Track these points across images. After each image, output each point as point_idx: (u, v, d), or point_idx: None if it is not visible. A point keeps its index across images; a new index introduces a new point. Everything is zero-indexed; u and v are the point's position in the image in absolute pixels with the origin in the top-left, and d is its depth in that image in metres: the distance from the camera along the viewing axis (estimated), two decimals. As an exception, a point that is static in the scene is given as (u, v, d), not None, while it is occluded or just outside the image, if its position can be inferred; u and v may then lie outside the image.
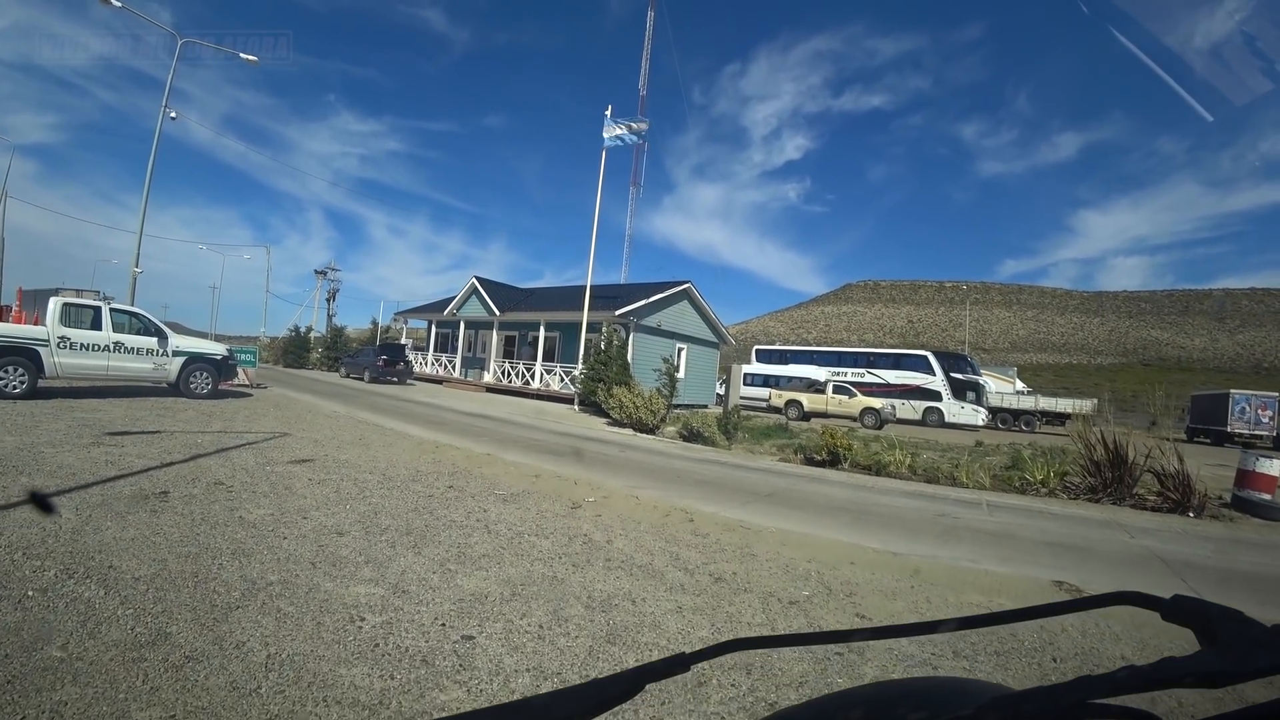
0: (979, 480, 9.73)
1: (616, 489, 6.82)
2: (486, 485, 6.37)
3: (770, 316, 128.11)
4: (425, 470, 6.98)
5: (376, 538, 4.39)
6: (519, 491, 6.17)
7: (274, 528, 4.48)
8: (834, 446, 10.44)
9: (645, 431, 13.76)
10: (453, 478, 6.63)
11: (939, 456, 11.78)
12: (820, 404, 23.23)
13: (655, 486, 7.38)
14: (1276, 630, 0.48)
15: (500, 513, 5.27)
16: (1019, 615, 0.59)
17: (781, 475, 9.34)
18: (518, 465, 7.88)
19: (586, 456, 9.61)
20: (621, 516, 5.48)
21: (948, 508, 7.53)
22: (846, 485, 8.78)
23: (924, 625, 0.61)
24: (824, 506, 7.01)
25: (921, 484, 9.57)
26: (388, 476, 6.47)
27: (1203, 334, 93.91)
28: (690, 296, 25.53)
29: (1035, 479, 9.60)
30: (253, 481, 5.88)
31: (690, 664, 0.55)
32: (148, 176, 21.11)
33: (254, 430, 9.24)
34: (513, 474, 7.14)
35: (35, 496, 1.63)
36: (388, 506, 5.25)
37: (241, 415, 10.80)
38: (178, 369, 12.79)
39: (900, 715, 0.61)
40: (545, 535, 4.70)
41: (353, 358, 27.41)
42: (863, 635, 0.61)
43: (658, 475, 8.34)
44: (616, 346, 17.33)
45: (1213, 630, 0.50)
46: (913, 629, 0.61)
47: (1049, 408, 31.00)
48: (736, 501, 6.81)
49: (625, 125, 18.18)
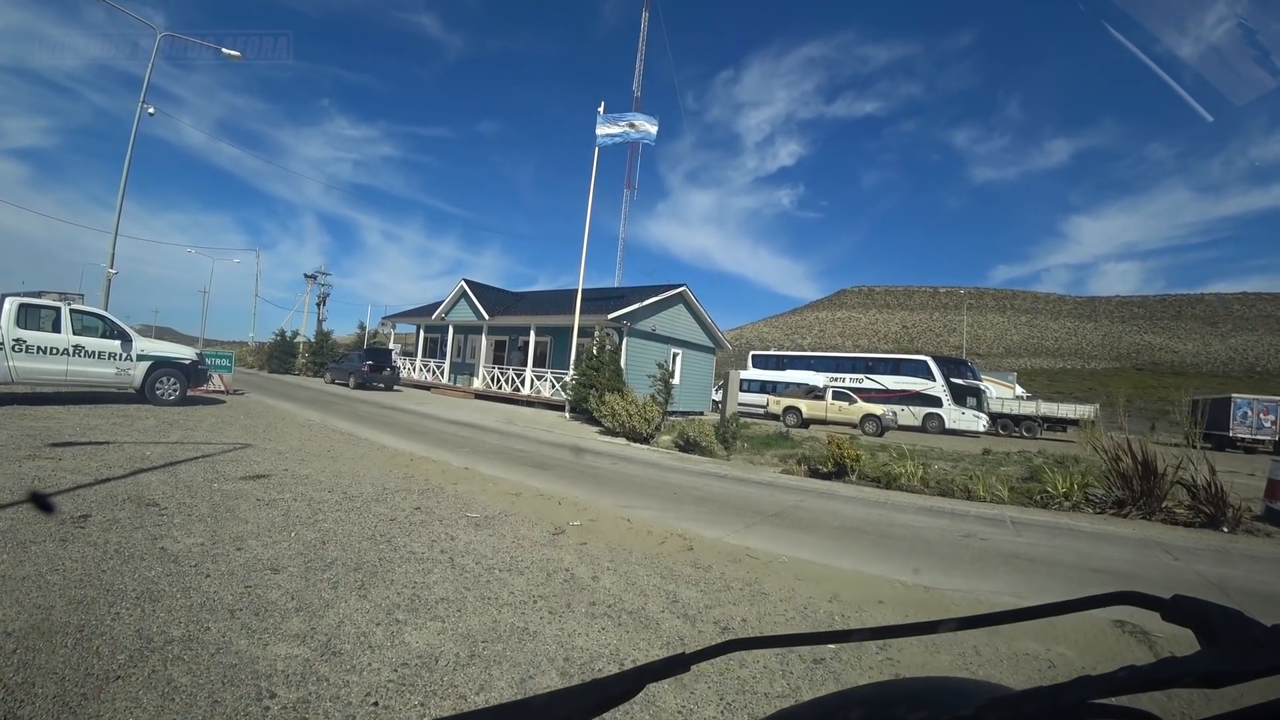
0: (997, 493, 9.08)
1: (606, 509, 6.11)
2: (459, 506, 5.65)
3: (765, 322, 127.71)
4: (393, 487, 6.26)
5: (318, 575, 3.69)
6: (495, 513, 5.45)
7: (198, 562, 3.77)
8: (840, 457, 9.77)
9: (639, 441, 13.05)
10: (422, 496, 5.91)
11: (950, 467, 11.12)
12: (820, 410, 22.57)
13: (649, 505, 6.68)
14: (1276, 630, 0.48)
15: (470, 541, 4.56)
16: (1019, 615, 0.60)
17: (786, 490, 8.66)
18: (497, 481, 7.16)
19: (574, 470, 8.89)
20: (610, 544, 4.78)
21: (971, 526, 6.86)
22: (858, 501, 8.10)
23: (923, 625, 0.61)
24: (838, 528, 6.31)
25: (936, 498, 8.92)
26: (349, 495, 5.76)
27: (1195, 338, 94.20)
28: (685, 300, 24.86)
29: (1057, 492, 8.96)
30: (192, 502, 5.16)
31: (690, 664, 0.55)
32: (124, 174, 20.40)
33: (215, 441, 8.50)
34: (491, 491, 6.42)
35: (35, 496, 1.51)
36: (340, 534, 4.54)
37: (206, 424, 10.05)
38: (143, 374, 12.05)
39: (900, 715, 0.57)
40: (519, 570, 4.00)
41: (338, 363, 26.60)
42: (862, 635, 0.62)
43: (652, 492, 7.63)
44: (609, 351, 16.61)
45: (1213, 630, 0.50)
46: (912, 629, 0.61)
47: (1050, 413, 30.46)
48: (740, 523, 6.11)
49: (626, 123, 17.32)
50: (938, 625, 0.61)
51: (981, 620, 0.60)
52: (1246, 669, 0.44)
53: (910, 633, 0.61)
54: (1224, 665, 0.44)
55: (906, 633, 0.61)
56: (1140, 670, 0.43)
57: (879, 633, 0.61)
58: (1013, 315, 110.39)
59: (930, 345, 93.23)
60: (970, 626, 0.60)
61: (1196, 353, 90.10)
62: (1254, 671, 0.44)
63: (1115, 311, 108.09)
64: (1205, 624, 0.51)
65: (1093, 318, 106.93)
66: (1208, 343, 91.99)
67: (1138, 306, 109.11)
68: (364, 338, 34.71)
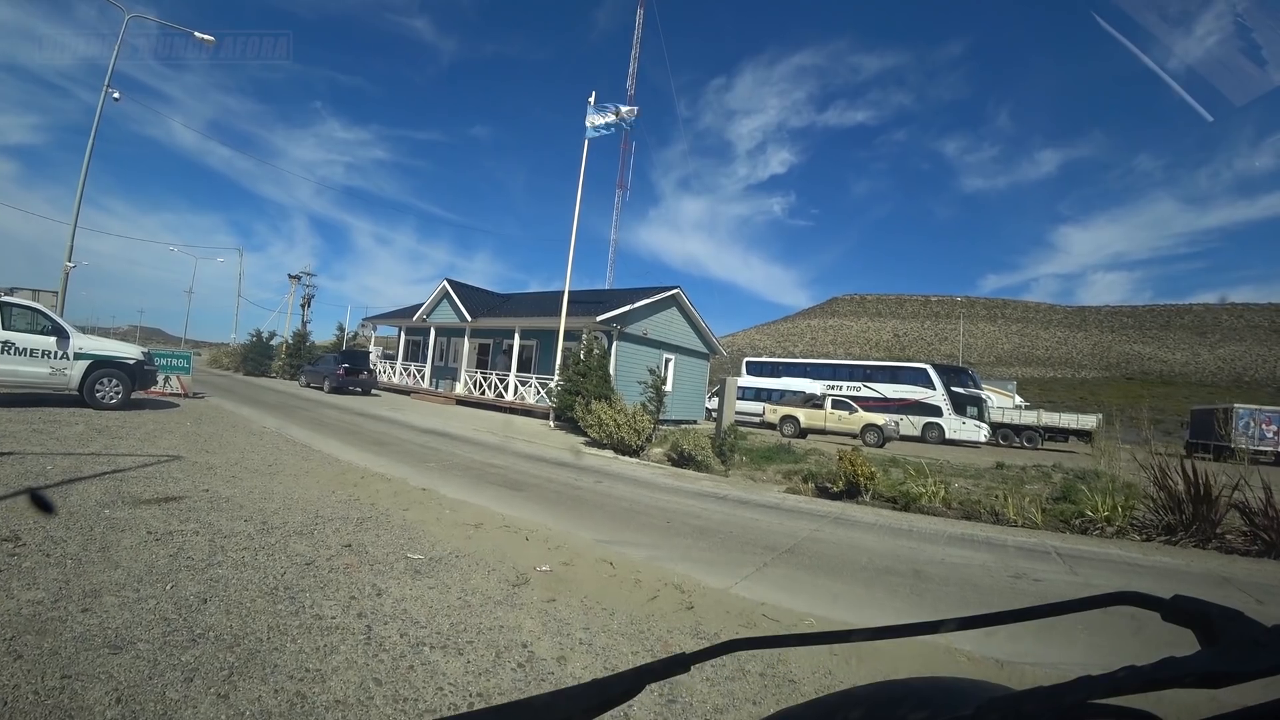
0: (1029, 516, 8.10)
1: (584, 546, 5.01)
2: (402, 542, 4.55)
3: (756, 330, 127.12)
4: (329, 514, 5.16)
5: (173, 658, 2.61)
6: (445, 554, 4.35)
7: (16, 634, 2.70)
8: (853, 475, 8.74)
9: (628, 454, 11.96)
10: (360, 529, 4.81)
11: (972, 485, 10.12)
12: (819, 420, 21.55)
13: (638, 540, 5.58)
14: (1276, 630, 0.48)
15: (403, 597, 3.48)
16: (1019, 615, 0.59)
17: (796, 515, 7.60)
18: (458, 506, 6.04)
19: (551, 491, 7.77)
20: (587, 601, 3.70)
21: (1016, 562, 5.85)
22: (879, 529, 7.06)
23: (924, 625, 0.61)
24: (866, 568, 5.25)
25: (962, 522, 7.92)
26: (268, 526, 4.66)
27: (1184, 348, 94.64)
28: (679, 303, 23.82)
29: (1098, 515, 7.97)
30: (64, 536, 4.06)
31: (690, 664, 0.55)
32: (85, 162, 19.21)
33: (140, 453, 7.37)
34: (447, 521, 5.31)
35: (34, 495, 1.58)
36: (233, 586, 3.45)
37: (142, 432, 8.88)
38: (81, 374, 10.86)
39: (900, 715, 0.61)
40: (459, 647, 2.92)
41: (313, 366, 25.29)
42: (863, 635, 0.61)
43: (641, 519, 6.53)
44: (597, 356, 15.51)
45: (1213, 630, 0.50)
46: (913, 629, 0.60)
47: (1052, 423, 29.68)
48: (749, 563, 5.04)
49: (612, 111, 16.38)
50: (938, 625, 0.61)
51: (982, 620, 0.61)
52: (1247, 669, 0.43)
53: (911, 633, 0.60)
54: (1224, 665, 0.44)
55: (907, 633, 0.60)
56: (1140, 670, 0.43)
57: (879, 633, 0.61)
58: (1004, 324, 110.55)
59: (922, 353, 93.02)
60: (971, 627, 0.61)
61: (1185, 362, 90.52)
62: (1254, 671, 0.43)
63: (1105, 321, 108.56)
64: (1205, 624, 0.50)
65: (1083, 327, 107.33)
66: (1196, 352, 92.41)
67: (1127, 316, 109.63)
68: (342, 339, 33.34)
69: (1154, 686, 0.43)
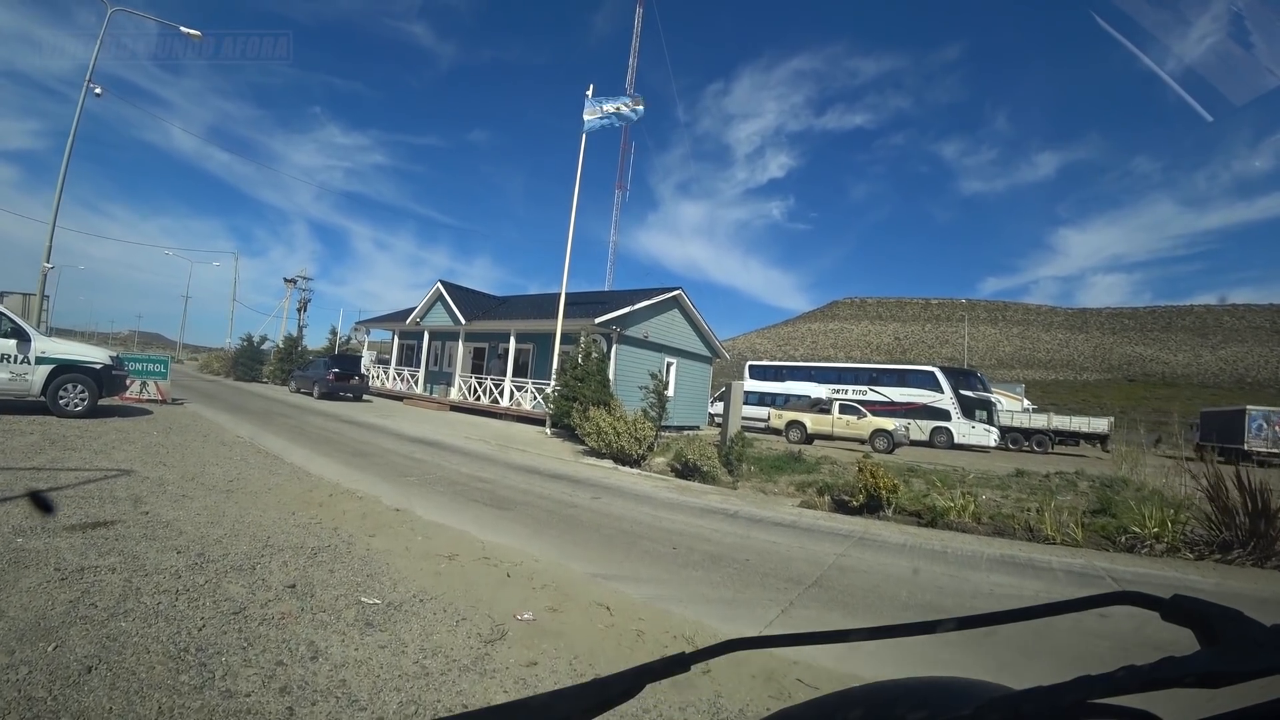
0: (1068, 533, 7.39)
1: (576, 583, 4.27)
2: (358, 580, 3.82)
3: (757, 333, 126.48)
4: (280, 543, 4.43)
5: (7, 771, 1.90)
6: (407, 596, 3.62)
7: None
8: (874, 487, 8.02)
9: (628, 464, 11.23)
10: (312, 562, 4.09)
11: (1000, 496, 9.39)
12: (825, 425, 20.80)
13: (641, 572, 4.84)
14: (1276, 630, 0.48)
15: (344, 660, 2.76)
16: (1018, 615, 0.59)
17: (815, 535, 6.86)
18: (432, 531, 5.29)
19: (543, 510, 7.01)
20: (576, 664, 2.97)
21: (1070, 590, 5.14)
22: (912, 551, 6.33)
23: (922, 625, 0.60)
24: (909, 606, 4.50)
25: (997, 540, 7.22)
26: (203, 559, 3.94)
27: (1186, 350, 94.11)
28: (681, 305, 23.06)
29: (1145, 531, 7.25)
30: (-49, 576, 3.35)
31: (690, 664, 0.54)
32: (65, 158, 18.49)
33: (90, 466, 6.67)
34: (417, 551, 4.58)
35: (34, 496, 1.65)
36: (135, 644, 2.75)
37: (100, 443, 8.16)
38: (43, 380, 10.16)
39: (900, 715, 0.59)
40: (406, 744, 2.21)
41: (303, 370, 24.55)
42: (861, 635, 0.61)
43: (644, 546, 5.77)
44: (595, 359, 14.77)
45: (1213, 630, 0.50)
46: (912, 629, 0.60)
47: (1062, 426, 28.91)
48: (772, 601, 4.30)
49: (614, 105, 15.67)
50: (937, 625, 0.61)
51: (980, 620, 0.60)
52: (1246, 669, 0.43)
53: (910, 633, 0.60)
54: (1224, 665, 0.44)
55: (906, 633, 0.60)
56: (1140, 670, 0.43)
57: (878, 633, 0.61)
58: (1004, 327, 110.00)
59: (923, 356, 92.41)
60: (969, 626, 0.60)
61: (1187, 364, 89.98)
62: (1254, 671, 0.43)
63: (1106, 323, 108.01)
64: (1205, 624, 0.50)
65: (1084, 329, 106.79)
66: (1198, 354, 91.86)
67: (1128, 318, 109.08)
68: (334, 343, 32.54)
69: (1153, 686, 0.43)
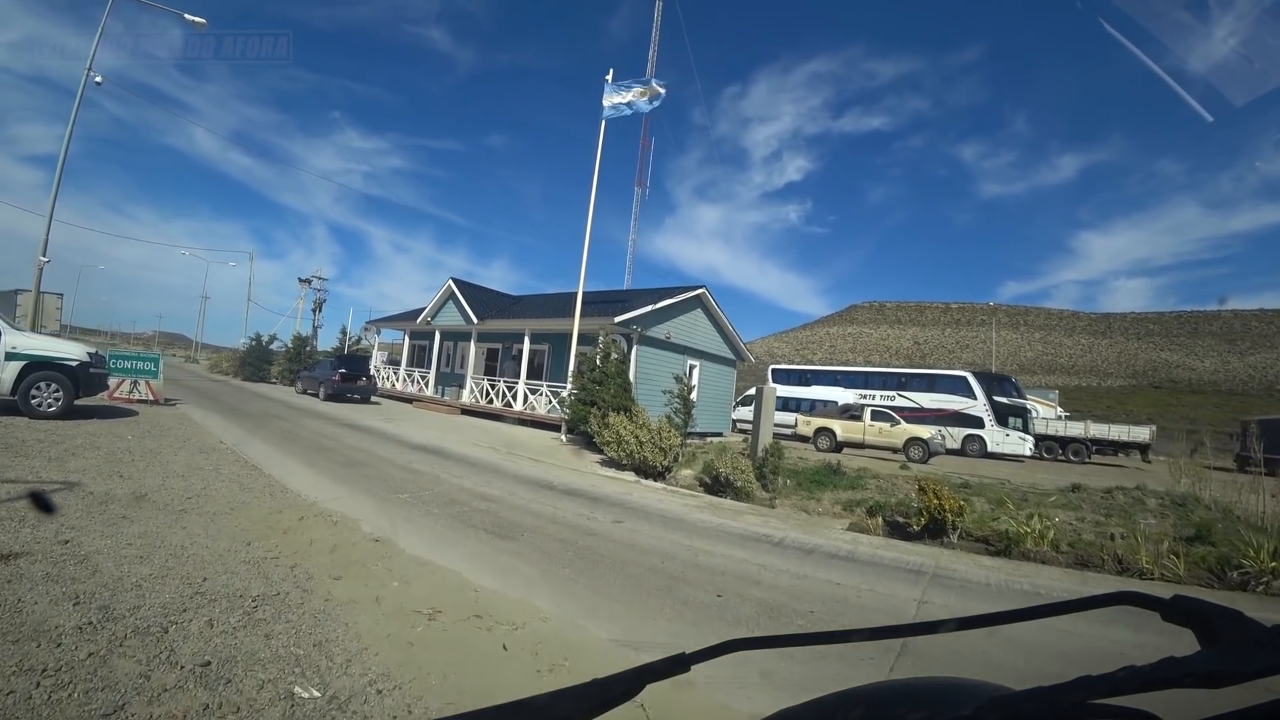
0: (1167, 566, 6.24)
1: (598, 657, 3.20)
2: (301, 650, 2.78)
3: (775, 338, 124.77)
4: (218, 589, 3.42)
5: None
6: (361, 685, 2.55)
7: None
8: (938, 510, 6.91)
9: (651, 476, 10.17)
10: (247, 621, 3.06)
11: (1076, 520, 8.20)
12: (857, 432, 19.58)
13: (681, 637, 3.73)
14: (1277, 630, 0.47)
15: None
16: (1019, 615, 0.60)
17: (881, 571, 5.72)
18: (414, 572, 4.22)
19: (556, 540, 5.83)
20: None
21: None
22: (1000, 593, 5.20)
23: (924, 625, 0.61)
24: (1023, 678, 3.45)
25: (1084, 573, 6.10)
26: (106, 616, 2.95)
27: (1213, 356, 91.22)
28: (704, 304, 21.91)
29: (1259, 564, 6.06)
30: None
31: (690, 664, 0.54)
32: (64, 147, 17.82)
33: (34, 478, 5.77)
34: (390, 603, 3.53)
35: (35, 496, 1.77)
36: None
37: (60, 448, 7.26)
38: (14, 378, 9.35)
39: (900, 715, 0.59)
40: None
41: (309, 371, 23.76)
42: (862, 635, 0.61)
43: (681, 594, 4.58)
44: (615, 361, 13.72)
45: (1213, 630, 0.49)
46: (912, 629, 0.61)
47: (1100, 435, 27.42)
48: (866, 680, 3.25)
49: (635, 90, 14.62)
50: (938, 625, 0.62)
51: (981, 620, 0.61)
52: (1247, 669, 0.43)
53: (911, 633, 0.61)
54: (1224, 665, 0.44)
55: (907, 633, 0.61)
56: (1140, 670, 0.43)
57: (879, 633, 0.61)
58: (1026, 331, 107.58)
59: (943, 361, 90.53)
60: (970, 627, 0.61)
61: (1215, 370, 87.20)
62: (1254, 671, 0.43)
63: (1130, 328, 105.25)
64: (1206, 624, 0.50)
65: (1107, 334, 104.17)
66: (1226, 360, 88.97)
67: (1153, 323, 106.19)
68: (344, 343, 31.80)
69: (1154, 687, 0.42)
